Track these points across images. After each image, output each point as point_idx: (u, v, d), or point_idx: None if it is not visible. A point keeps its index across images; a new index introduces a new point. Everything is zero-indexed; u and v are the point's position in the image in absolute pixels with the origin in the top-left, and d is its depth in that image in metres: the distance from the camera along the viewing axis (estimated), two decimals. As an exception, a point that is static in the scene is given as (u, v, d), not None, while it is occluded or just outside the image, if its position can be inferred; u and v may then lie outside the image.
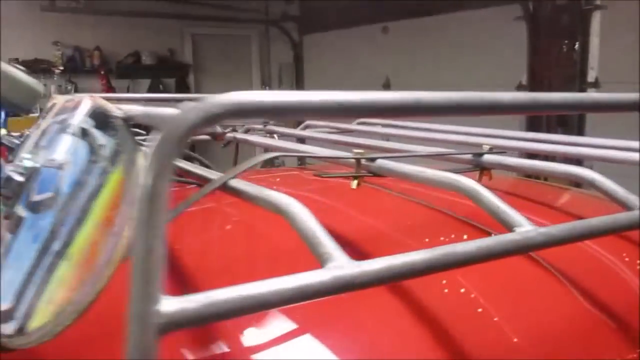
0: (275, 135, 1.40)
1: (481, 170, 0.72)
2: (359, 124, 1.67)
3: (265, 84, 6.70)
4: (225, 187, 0.53)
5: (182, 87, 6.27)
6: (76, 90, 5.65)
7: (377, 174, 0.61)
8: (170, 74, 6.21)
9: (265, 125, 1.42)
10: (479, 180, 0.75)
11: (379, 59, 5.12)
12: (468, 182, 0.50)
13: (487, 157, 0.72)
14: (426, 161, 1.18)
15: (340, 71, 5.58)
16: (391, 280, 0.37)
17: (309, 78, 6.18)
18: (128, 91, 6.01)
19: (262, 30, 6.45)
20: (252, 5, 6.12)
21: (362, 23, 5.23)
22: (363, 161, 0.63)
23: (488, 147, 0.75)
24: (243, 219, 0.80)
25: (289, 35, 6.21)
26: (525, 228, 0.44)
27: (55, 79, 5.63)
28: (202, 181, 0.63)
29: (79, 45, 5.81)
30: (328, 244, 0.38)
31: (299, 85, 6.25)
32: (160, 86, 6.15)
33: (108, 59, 5.96)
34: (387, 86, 5.20)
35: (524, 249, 0.42)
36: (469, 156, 0.74)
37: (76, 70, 5.75)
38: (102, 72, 5.82)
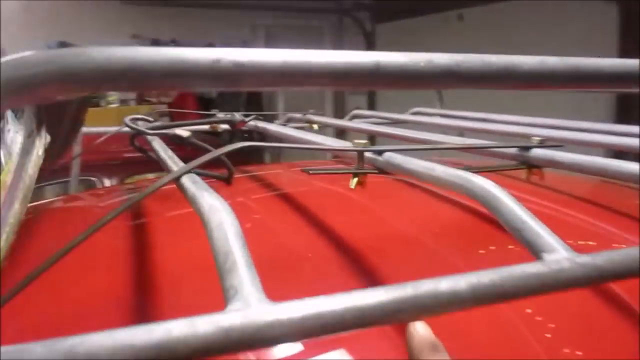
0: (315, 126, 1.28)
1: (529, 167, 0.58)
2: (413, 114, 1.52)
3: (337, 76, 6.58)
4: (177, 183, 0.42)
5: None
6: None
7: (383, 170, 0.49)
8: (243, 66, 6.24)
9: (304, 114, 1.31)
10: (527, 180, 0.60)
11: (454, 47, 4.86)
12: (484, 184, 0.36)
13: (537, 152, 0.57)
14: (467, 156, 1.03)
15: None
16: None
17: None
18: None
19: (335, 20, 6.34)
20: (325, -5, 6.04)
21: (438, 10, 4.99)
22: (369, 154, 0.50)
23: (539, 139, 0.59)
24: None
25: (361, 25, 6.06)
26: (556, 255, 0.30)
27: (133, 70, 5.78)
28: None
29: (157, 38, 5.95)
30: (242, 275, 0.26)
31: (371, 76, 6.07)
32: (233, 78, 6.19)
33: (184, 51, 6.06)
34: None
35: (551, 286, 0.28)
36: (514, 150, 0.59)
37: (153, 62, 5.90)
38: (178, 64, 5.93)
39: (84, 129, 1.16)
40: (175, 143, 0.88)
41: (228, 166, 0.91)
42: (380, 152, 0.49)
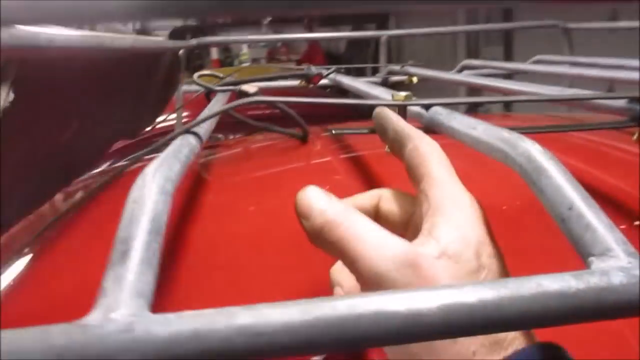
0: (414, 79, 1.17)
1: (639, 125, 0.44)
2: (534, 62, 1.34)
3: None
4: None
5: (382, 33, 6.11)
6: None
7: (429, 129, 0.38)
8: (370, 20, 6.13)
9: (402, 67, 1.20)
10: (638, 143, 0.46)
11: None
12: (528, 149, 0.26)
13: None
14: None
15: (552, 9, 4.87)
16: None
17: (518, 17, 5.52)
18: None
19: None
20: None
21: None
22: (413, 109, 0.40)
23: None
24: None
25: (498, -31, 5.58)
26: (609, 263, 0.20)
27: (263, 30, 5.91)
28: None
29: None
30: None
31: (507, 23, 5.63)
32: (361, 33, 6.09)
33: (311, 8, 6.04)
34: (614, 20, 4.35)
35: (590, 311, 0.18)
36: (622, 102, 0.45)
37: (281, 20, 5.96)
38: (306, 22, 5.95)
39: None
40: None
41: (301, 124, 0.85)
42: (427, 107, 0.39)
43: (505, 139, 0.28)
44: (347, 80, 0.75)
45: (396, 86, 1.25)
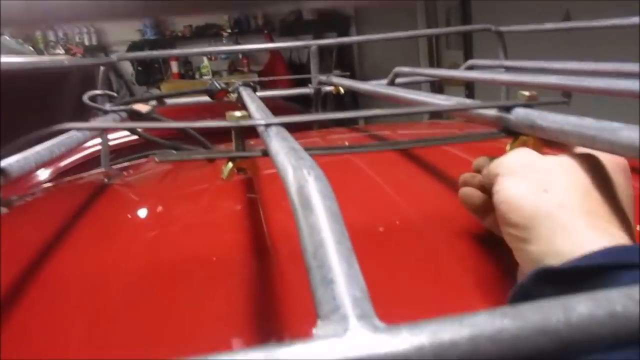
0: (341, 89, 1.15)
1: (508, 135, 0.40)
2: (468, 68, 1.34)
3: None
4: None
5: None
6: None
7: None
8: (331, 28, 6.09)
9: (327, 77, 1.18)
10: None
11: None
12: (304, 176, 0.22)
13: (518, 113, 0.39)
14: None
15: (512, 7, 4.93)
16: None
17: (478, 21, 5.58)
18: (290, 49, 6.04)
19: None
20: (415, -57, 5.68)
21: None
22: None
23: (528, 94, 0.41)
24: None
25: None
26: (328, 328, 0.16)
27: (224, 41, 5.87)
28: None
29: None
30: None
31: (467, 28, 5.68)
32: (322, 41, 6.08)
33: (272, 19, 6.02)
34: (567, 20, 4.41)
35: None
36: (494, 112, 0.42)
37: (242, 31, 5.92)
38: (266, 32, 5.91)
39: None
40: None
41: (203, 143, 0.81)
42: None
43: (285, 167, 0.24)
44: (247, 96, 0.71)
45: (326, 97, 1.22)
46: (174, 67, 5.75)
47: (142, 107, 0.72)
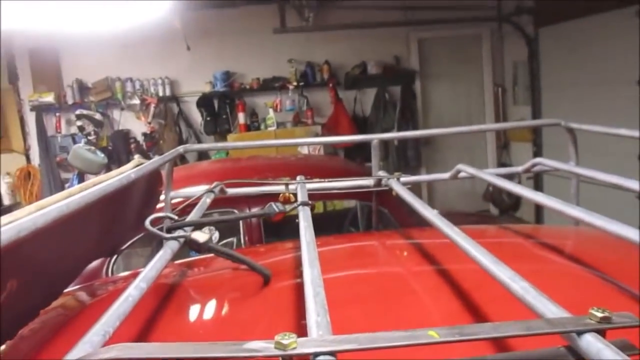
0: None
1: None
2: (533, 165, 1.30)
3: (498, 85, 6.19)
4: None
5: (408, 94, 6.14)
6: (307, 104, 5.97)
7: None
8: (395, 82, 6.15)
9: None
10: None
11: (631, 50, 4.21)
12: None
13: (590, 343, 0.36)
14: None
15: (582, 67, 4.82)
16: None
17: (546, 76, 5.50)
18: (355, 102, 6.13)
19: (494, 27, 5.96)
20: (483, 2, 5.70)
21: (610, 8, 4.38)
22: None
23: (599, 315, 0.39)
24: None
25: (522, 31, 5.60)
26: None
27: (289, 94, 6.02)
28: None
29: (310, 61, 6.10)
30: None
31: (534, 84, 5.59)
32: (386, 94, 6.13)
33: (336, 72, 6.14)
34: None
35: None
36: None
37: (308, 84, 6.06)
38: (331, 85, 6.02)
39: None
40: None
41: (261, 272, 0.82)
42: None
43: None
44: (303, 219, 0.72)
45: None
46: (241, 118, 5.92)
47: (201, 236, 0.74)
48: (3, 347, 0.72)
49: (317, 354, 0.36)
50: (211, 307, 0.78)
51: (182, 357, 0.35)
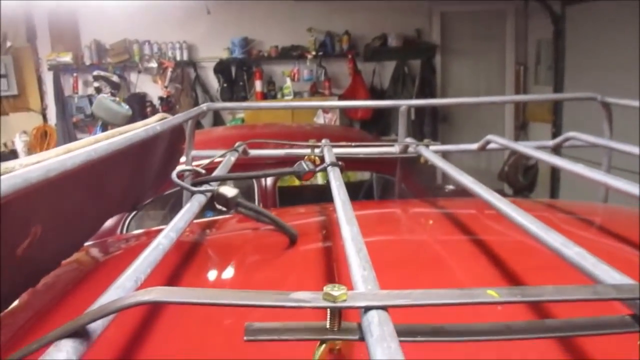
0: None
1: None
2: (565, 140, 1.26)
3: (521, 63, 6.06)
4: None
5: (427, 69, 6.05)
6: (325, 74, 5.90)
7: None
8: (416, 56, 6.04)
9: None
10: None
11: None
12: None
13: None
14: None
15: (610, 48, 4.69)
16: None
17: (571, 56, 5.36)
18: (373, 75, 6.05)
19: (520, 3, 5.80)
20: (510, -23, 5.57)
21: (643, -13, 4.24)
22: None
23: None
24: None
25: (549, 8, 5.44)
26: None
27: (307, 63, 5.95)
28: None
29: (330, 31, 6.01)
30: None
31: (557, 64, 5.46)
32: (405, 68, 6.03)
33: (356, 43, 6.05)
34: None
35: None
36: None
37: (326, 54, 5.97)
38: (350, 56, 5.93)
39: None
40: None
41: (288, 232, 0.80)
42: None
43: None
44: (334, 179, 0.69)
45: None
46: (258, 86, 5.87)
47: (229, 191, 0.71)
48: (26, 294, 0.71)
49: (368, 308, 0.34)
50: (240, 263, 0.76)
51: (225, 303, 0.33)
